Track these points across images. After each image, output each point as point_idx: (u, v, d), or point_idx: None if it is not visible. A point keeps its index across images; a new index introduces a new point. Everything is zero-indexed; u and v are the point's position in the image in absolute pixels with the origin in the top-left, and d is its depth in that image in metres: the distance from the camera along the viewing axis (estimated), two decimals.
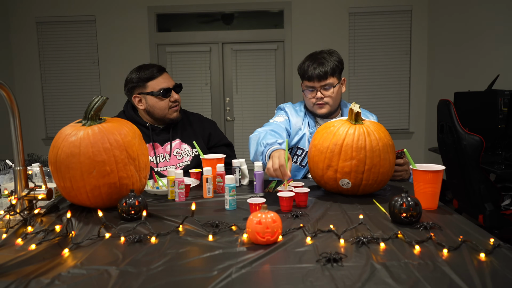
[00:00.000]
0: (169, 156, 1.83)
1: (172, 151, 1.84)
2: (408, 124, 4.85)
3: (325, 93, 1.73)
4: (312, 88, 1.74)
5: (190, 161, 1.84)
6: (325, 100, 1.74)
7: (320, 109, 1.76)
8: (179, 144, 1.87)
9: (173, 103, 1.84)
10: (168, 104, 1.83)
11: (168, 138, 1.86)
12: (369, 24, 4.71)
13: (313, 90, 1.75)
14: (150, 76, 1.80)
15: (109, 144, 1.18)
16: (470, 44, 3.77)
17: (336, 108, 1.81)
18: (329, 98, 1.74)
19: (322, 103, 1.75)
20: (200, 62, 4.85)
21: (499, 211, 2.36)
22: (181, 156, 1.85)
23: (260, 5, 4.74)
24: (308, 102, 1.79)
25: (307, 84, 1.75)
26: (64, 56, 4.85)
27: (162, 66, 1.88)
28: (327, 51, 1.78)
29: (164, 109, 1.83)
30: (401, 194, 1.06)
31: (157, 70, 1.83)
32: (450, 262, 0.81)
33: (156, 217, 1.16)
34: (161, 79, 1.82)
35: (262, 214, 0.93)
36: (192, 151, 1.86)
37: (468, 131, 2.24)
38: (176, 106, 1.86)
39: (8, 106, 1.14)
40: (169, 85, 1.83)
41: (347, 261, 0.83)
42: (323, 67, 1.70)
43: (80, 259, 0.86)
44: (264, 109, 4.89)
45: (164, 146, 1.85)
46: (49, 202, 1.25)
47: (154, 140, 1.84)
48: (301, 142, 1.79)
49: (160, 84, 1.81)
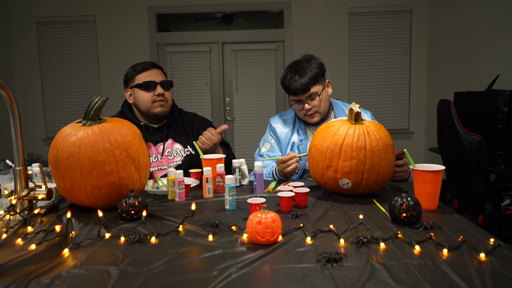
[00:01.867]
0: (161, 156, 1.83)
1: (164, 151, 1.84)
2: (408, 124, 4.85)
3: (312, 103, 1.75)
4: (299, 101, 1.76)
5: (181, 161, 1.84)
6: (313, 109, 1.76)
7: (311, 118, 1.78)
8: (171, 144, 1.86)
9: (157, 97, 1.82)
10: (152, 97, 1.82)
11: (161, 138, 1.86)
12: (369, 24, 4.71)
13: (300, 102, 1.76)
14: (140, 69, 1.84)
15: (109, 144, 1.18)
16: (470, 44, 3.77)
17: (327, 112, 1.82)
18: (317, 107, 1.75)
19: (311, 113, 1.77)
20: (200, 62, 4.85)
21: (499, 211, 2.36)
22: (172, 156, 1.84)
23: (260, 5, 4.74)
24: (298, 114, 1.82)
25: (292, 98, 1.78)
26: (64, 56, 4.85)
27: (158, 65, 1.90)
28: (305, 59, 1.77)
29: (148, 102, 1.82)
30: (401, 194, 1.06)
31: (149, 65, 1.85)
32: (450, 262, 0.81)
33: (156, 217, 1.16)
34: (149, 73, 1.83)
35: (262, 214, 0.93)
36: (184, 150, 1.86)
37: (468, 131, 2.24)
38: (162, 101, 1.83)
39: (8, 106, 1.14)
40: (155, 79, 1.83)
41: (347, 261, 0.83)
42: (303, 78, 1.70)
43: (80, 259, 0.86)
44: (264, 109, 4.89)
45: (157, 146, 1.85)
46: (49, 202, 1.25)
47: (147, 140, 1.84)
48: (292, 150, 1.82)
49: (146, 77, 1.83)
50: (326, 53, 4.59)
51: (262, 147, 1.91)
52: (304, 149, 1.79)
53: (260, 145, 1.94)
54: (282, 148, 1.86)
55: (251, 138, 4.89)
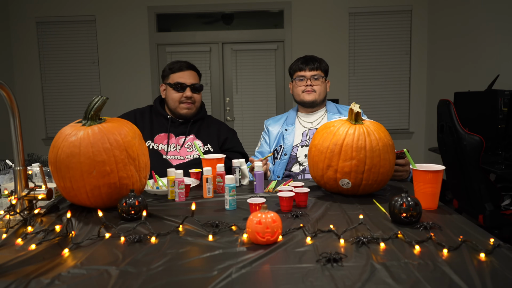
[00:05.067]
0: (180, 147, 1.88)
1: (184, 144, 1.90)
2: (408, 124, 4.85)
3: (314, 82, 1.94)
4: (302, 77, 1.95)
5: (199, 156, 1.87)
6: (313, 87, 1.94)
7: (308, 95, 1.94)
8: (193, 138, 1.93)
9: (186, 99, 1.90)
10: (180, 98, 1.91)
11: (184, 132, 1.93)
12: (369, 24, 4.71)
13: (303, 79, 1.95)
14: (176, 69, 1.92)
15: (109, 144, 1.18)
16: (470, 44, 3.77)
17: (321, 101, 1.99)
18: (318, 86, 1.94)
19: (310, 90, 1.94)
20: (200, 62, 4.85)
21: (499, 211, 2.36)
22: (191, 149, 1.89)
23: (260, 5, 4.74)
24: (297, 90, 1.97)
25: (298, 74, 1.97)
26: (64, 56, 4.85)
27: (195, 67, 1.98)
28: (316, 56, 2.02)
29: (175, 101, 1.91)
30: (401, 194, 1.06)
31: (185, 66, 1.94)
32: (450, 262, 0.81)
33: (156, 217, 1.16)
34: (182, 74, 1.92)
35: (262, 214, 0.93)
36: (203, 147, 1.92)
37: (468, 131, 2.24)
38: (189, 104, 1.92)
39: (8, 106, 1.14)
40: (186, 81, 1.91)
41: (347, 261, 0.83)
42: (313, 60, 1.96)
43: (80, 259, 0.86)
44: (264, 109, 4.89)
45: (178, 138, 1.92)
46: (49, 202, 1.25)
47: (171, 131, 1.92)
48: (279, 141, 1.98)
49: (179, 77, 1.92)
50: (326, 53, 4.59)
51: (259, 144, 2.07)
52: (290, 137, 1.94)
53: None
54: (270, 141, 2.01)
55: (251, 138, 4.89)
